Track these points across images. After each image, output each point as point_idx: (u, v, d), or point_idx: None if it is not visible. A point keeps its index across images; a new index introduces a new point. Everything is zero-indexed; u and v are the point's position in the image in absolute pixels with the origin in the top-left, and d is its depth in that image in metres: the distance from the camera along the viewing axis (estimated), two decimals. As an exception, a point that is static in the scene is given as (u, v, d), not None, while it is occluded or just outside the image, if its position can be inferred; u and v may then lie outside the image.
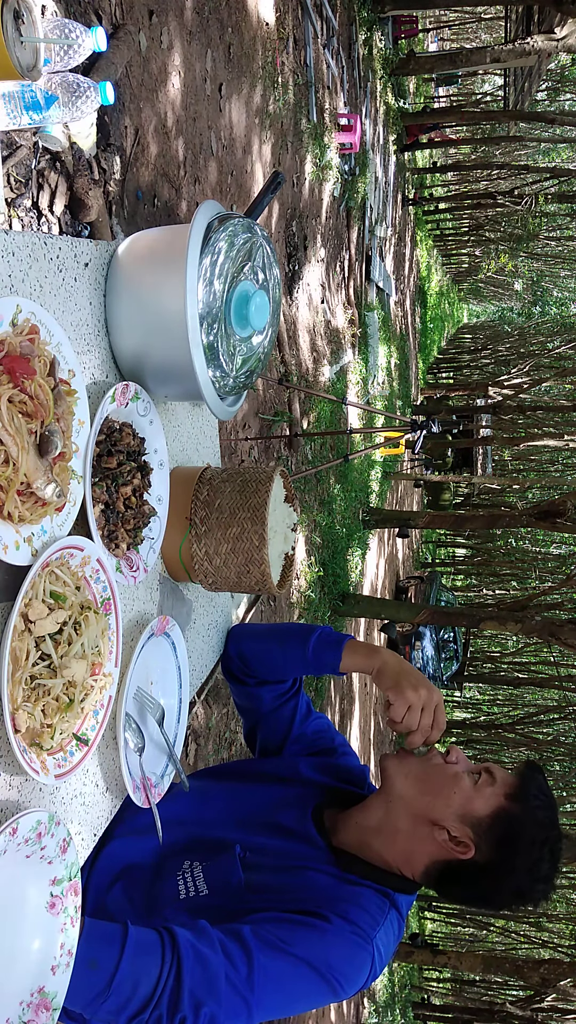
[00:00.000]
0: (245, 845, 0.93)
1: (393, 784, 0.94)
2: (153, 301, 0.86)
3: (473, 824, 0.89)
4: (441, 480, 11.17)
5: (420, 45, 14.03)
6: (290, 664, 1.07)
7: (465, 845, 0.89)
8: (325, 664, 1.04)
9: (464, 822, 0.89)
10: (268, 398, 4.26)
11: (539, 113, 11.80)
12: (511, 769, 0.95)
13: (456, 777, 0.92)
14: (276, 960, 0.81)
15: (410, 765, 0.95)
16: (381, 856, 0.93)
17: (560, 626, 4.33)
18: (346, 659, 1.03)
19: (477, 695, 14.86)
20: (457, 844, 0.89)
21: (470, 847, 0.88)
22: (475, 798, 0.90)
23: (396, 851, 0.92)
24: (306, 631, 1.08)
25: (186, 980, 0.75)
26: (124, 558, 0.89)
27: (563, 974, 5.01)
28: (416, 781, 0.93)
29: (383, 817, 0.93)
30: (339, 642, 1.04)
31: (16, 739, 0.69)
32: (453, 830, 0.89)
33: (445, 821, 0.89)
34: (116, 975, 0.72)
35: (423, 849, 0.91)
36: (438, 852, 0.90)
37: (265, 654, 1.11)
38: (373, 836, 0.94)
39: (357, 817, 0.96)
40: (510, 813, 0.89)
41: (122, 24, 2.28)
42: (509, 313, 25.51)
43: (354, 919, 0.86)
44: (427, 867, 0.92)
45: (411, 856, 0.92)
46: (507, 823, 0.88)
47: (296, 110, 4.65)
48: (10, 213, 1.67)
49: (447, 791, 0.91)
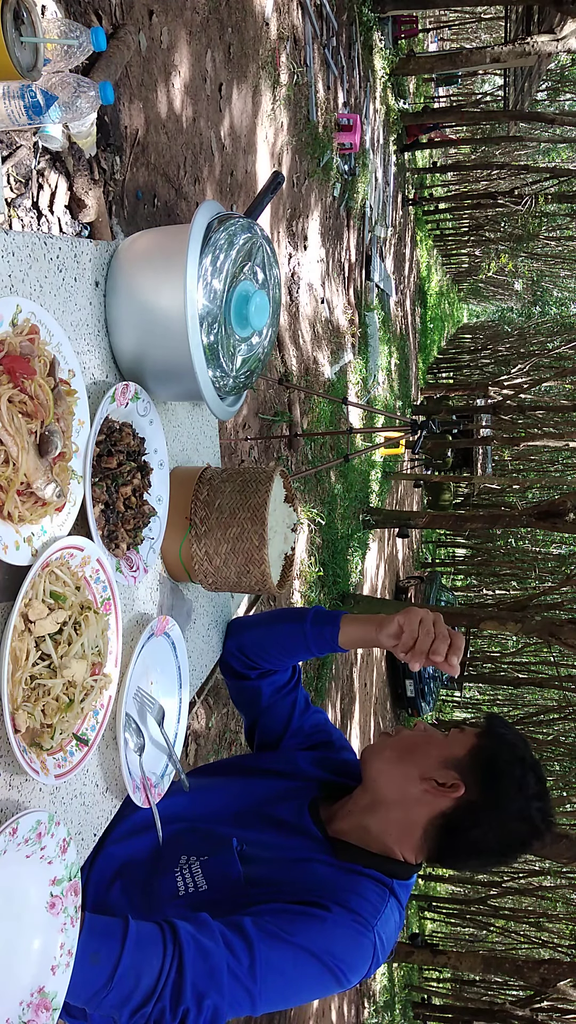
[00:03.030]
0: (242, 839, 0.93)
1: (371, 768, 0.97)
2: (153, 301, 0.86)
3: (455, 765, 0.92)
4: (441, 480, 11.17)
5: (420, 45, 14.01)
6: (289, 645, 1.08)
7: (454, 786, 0.91)
8: (325, 639, 1.05)
9: (446, 766, 0.93)
10: (268, 398, 4.26)
11: (539, 113, 11.81)
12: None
13: (427, 733, 0.98)
14: (278, 950, 0.81)
15: (382, 745, 0.99)
16: (379, 837, 0.93)
17: (560, 626, 4.33)
18: (345, 630, 1.04)
19: (477, 695, 14.86)
20: (448, 788, 0.91)
21: (459, 785, 0.91)
22: (451, 744, 0.95)
23: (393, 822, 0.93)
24: (302, 610, 1.09)
25: (188, 972, 0.75)
26: (124, 558, 0.89)
27: (563, 974, 5.00)
28: (392, 755, 0.96)
29: (372, 793, 0.95)
30: (335, 617, 1.05)
31: (16, 739, 0.69)
32: (439, 777, 0.92)
33: (429, 772, 0.93)
34: (118, 968, 0.72)
35: (418, 810, 0.92)
36: (432, 806, 0.91)
37: (264, 639, 1.11)
38: (368, 815, 0.94)
39: (348, 804, 0.97)
40: (485, 746, 0.93)
41: (122, 24, 2.28)
42: (509, 313, 25.51)
43: (355, 907, 0.86)
44: (426, 828, 0.92)
45: (409, 822, 0.92)
46: (485, 754, 0.93)
47: (296, 110, 4.65)
48: (10, 213, 1.67)
49: (423, 747, 0.95)
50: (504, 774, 0.90)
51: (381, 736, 1.01)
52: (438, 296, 20.98)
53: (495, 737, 0.94)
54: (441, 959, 5.77)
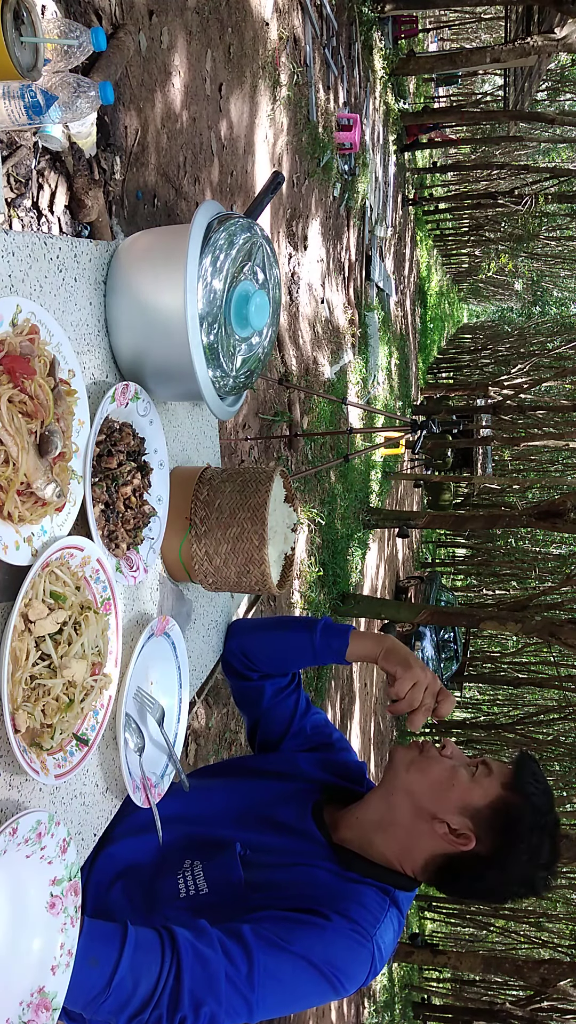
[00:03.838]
0: (245, 843, 0.93)
1: (397, 773, 0.95)
2: (153, 301, 0.86)
3: (472, 815, 0.89)
4: (441, 480, 11.17)
5: (420, 45, 14.01)
6: (295, 653, 1.08)
7: (466, 837, 0.89)
8: (332, 651, 1.05)
9: (463, 814, 0.90)
10: (268, 398, 4.26)
11: (539, 113, 11.80)
12: (506, 760, 0.96)
13: (453, 770, 0.93)
14: (276, 958, 0.81)
15: (412, 757, 0.96)
16: (382, 852, 0.93)
17: (560, 626, 4.33)
18: (353, 645, 1.04)
19: (477, 695, 14.85)
20: (458, 836, 0.89)
21: (471, 838, 0.89)
22: (473, 790, 0.91)
23: (397, 846, 0.93)
24: (311, 620, 1.09)
25: (186, 979, 0.75)
26: (124, 558, 0.89)
27: (563, 974, 5.00)
28: (418, 772, 0.94)
29: (384, 812, 0.94)
30: (345, 630, 1.06)
31: (16, 739, 0.69)
32: (453, 823, 0.89)
33: (445, 814, 0.90)
34: (116, 973, 0.72)
35: (424, 843, 0.91)
36: (439, 846, 0.91)
37: (269, 645, 1.11)
38: (374, 831, 0.94)
39: (358, 813, 0.97)
40: (508, 802, 0.89)
41: (122, 24, 2.28)
42: (509, 313, 25.51)
43: (354, 917, 0.86)
44: (427, 861, 0.92)
45: (412, 850, 0.92)
46: (506, 812, 0.89)
47: (296, 110, 4.65)
48: (10, 213, 1.67)
49: (445, 785, 0.92)
50: (520, 839, 0.88)
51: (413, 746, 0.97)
52: (438, 296, 20.98)
53: (522, 795, 0.89)
54: (441, 959, 5.77)
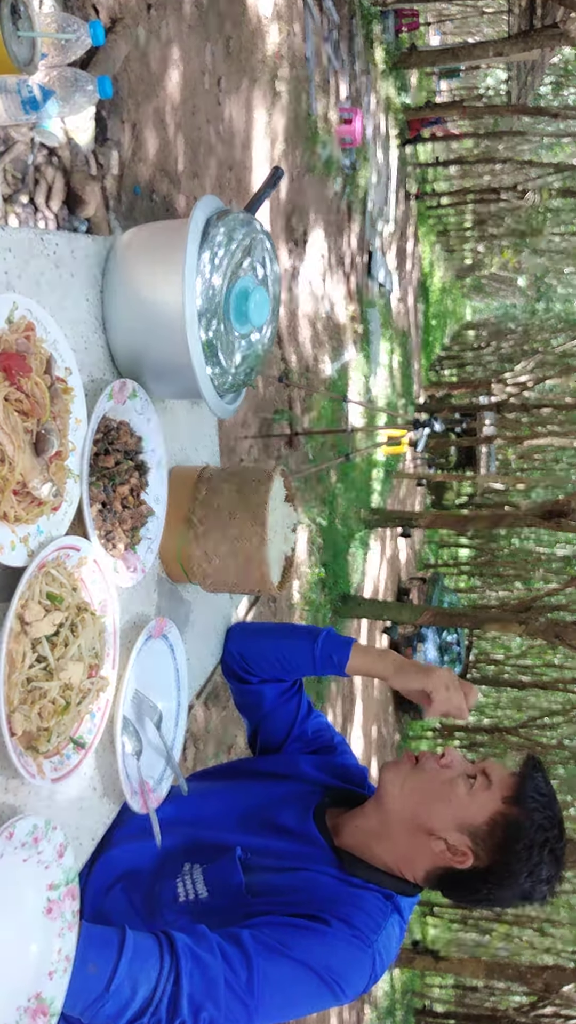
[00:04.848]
0: (245, 846, 0.92)
1: (387, 796, 0.93)
2: (151, 297, 0.85)
3: (470, 832, 0.87)
4: (444, 479, 11.15)
5: (422, 39, 13.93)
6: (295, 661, 1.07)
7: (463, 854, 0.88)
8: (332, 662, 1.04)
9: (461, 831, 0.88)
10: (268, 396, 4.25)
11: (542, 108, 11.75)
12: (511, 767, 0.93)
13: (451, 784, 0.90)
14: (276, 964, 0.80)
15: (405, 774, 0.93)
16: (383, 859, 0.93)
17: (565, 628, 4.32)
18: (354, 659, 1.03)
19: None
20: (455, 853, 0.88)
21: (468, 856, 0.87)
22: (471, 805, 0.88)
23: (397, 856, 0.92)
24: (313, 629, 1.08)
25: (185, 984, 0.75)
26: (121, 558, 0.88)
27: (566, 980, 5.01)
28: (411, 792, 0.92)
29: (381, 825, 0.93)
30: (347, 643, 1.05)
31: (12, 742, 0.68)
32: (450, 839, 0.88)
33: (441, 831, 0.88)
34: (114, 978, 0.72)
35: (422, 857, 0.91)
36: (437, 860, 0.90)
37: (269, 652, 1.10)
38: (374, 840, 0.93)
39: (358, 820, 0.96)
40: (508, 817, 0.87)
41: (120, 18, 2.27)
42: (513, 309, 25.41)
43: (355, 922, 0.85)
44: (428, 872, 0.91)
45: (412, 862, 0.92)
46: (505, 828, 0.86)
47: (296, 104, 4.62)
48: (7, 209, 1.66)
49: (442, 800, 0.89)
50: (520, 857, 0.85)
51: (405, 760, 0.95)
52: (440, 292, 20.90)
53: (523, 810, 0.86)
54: (443, 965, 5.77)
